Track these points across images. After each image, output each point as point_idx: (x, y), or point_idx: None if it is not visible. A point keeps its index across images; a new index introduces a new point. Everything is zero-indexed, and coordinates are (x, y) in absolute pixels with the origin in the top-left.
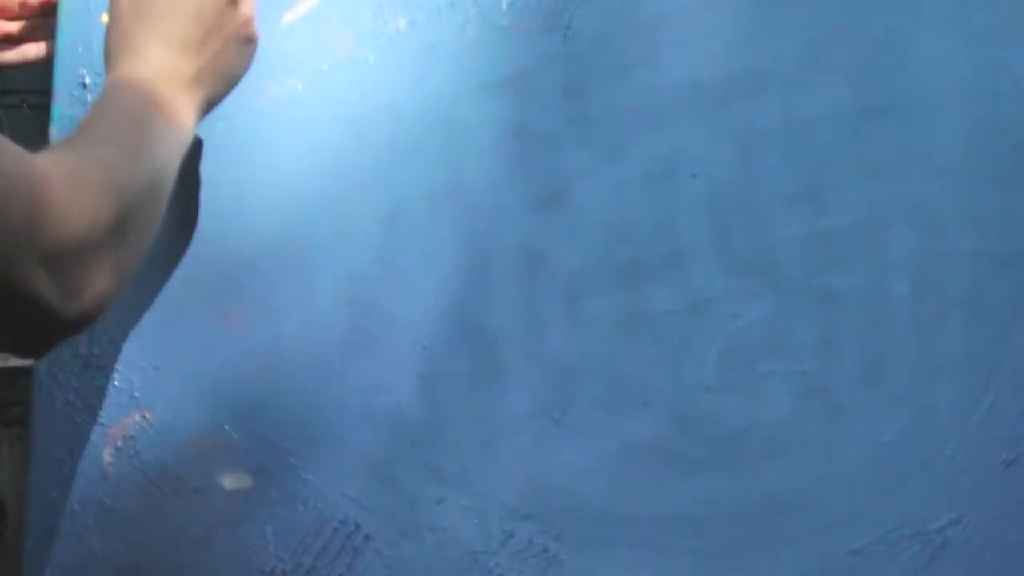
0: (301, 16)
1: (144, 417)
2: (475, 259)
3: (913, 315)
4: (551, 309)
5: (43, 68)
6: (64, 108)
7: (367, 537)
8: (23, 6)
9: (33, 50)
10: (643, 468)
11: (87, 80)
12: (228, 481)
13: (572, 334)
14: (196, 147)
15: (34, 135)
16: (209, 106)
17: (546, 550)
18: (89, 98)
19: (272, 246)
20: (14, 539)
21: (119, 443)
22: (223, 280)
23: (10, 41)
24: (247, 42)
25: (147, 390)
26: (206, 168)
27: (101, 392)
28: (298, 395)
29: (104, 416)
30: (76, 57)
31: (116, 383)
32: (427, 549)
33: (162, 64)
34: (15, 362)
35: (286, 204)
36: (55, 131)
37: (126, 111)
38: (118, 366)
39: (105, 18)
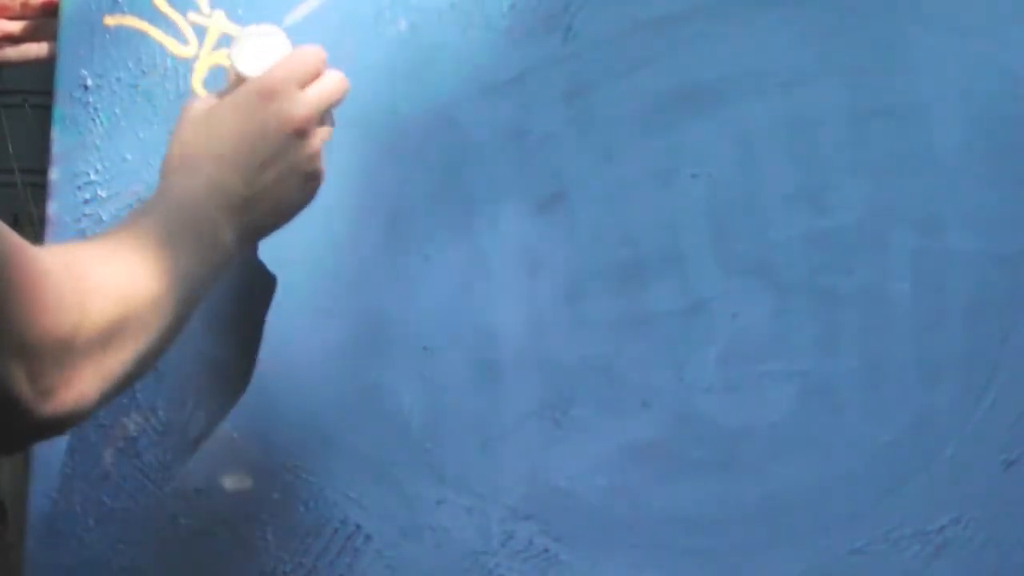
0: (302, 18)
1: (144, 417)
2: (475, 260)
3: (913, 315)
4: (551, 309)
5: (46, 68)
6: (65, 109)
7: (368, 537)
8: (25, 6)
9: (34, 49)
10: (643, 468)
11: (89, 82)
12: (228, 481)
13: (572, 334)
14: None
15: (36, 135)
16: (257, 234)
17: (546, 550)
18: (90, 99)
19: (272, 246)
20: (14, 539)
21: (120, 443)
22: (223, 280)
23: (11, 40)
24: (310, 178)
25: (147, 390)
26: None
27: None
28: (298, 395)
29: (104, 416)
30: (78, 59)
31: None
32: (427, 549)
33: (214, 183)
34: None
35: None
36: (57, 132)
37: (162, 221)
38: None
39: (108, 19)
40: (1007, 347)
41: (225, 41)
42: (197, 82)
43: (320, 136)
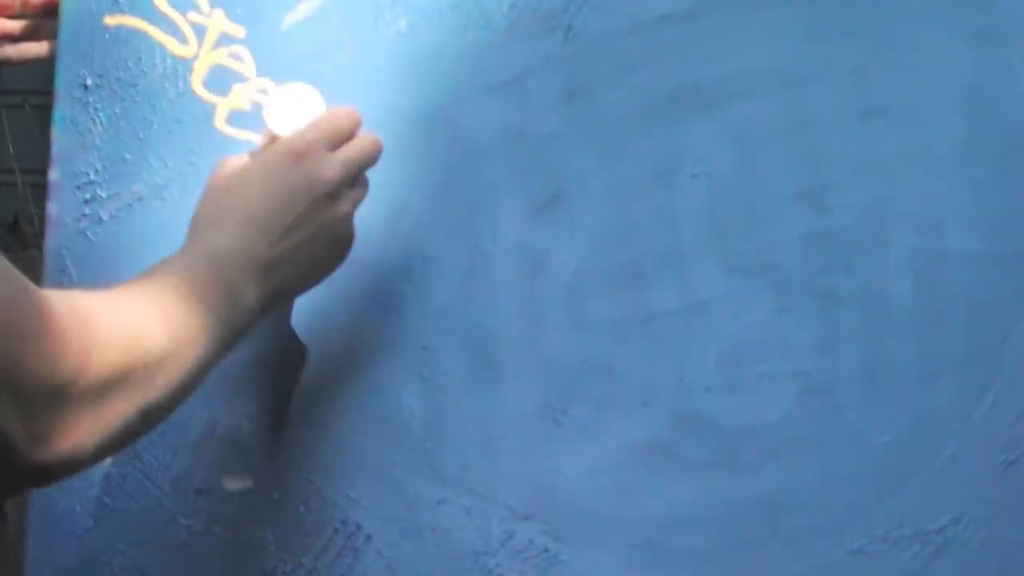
0: (302, 18)
1: None
2: (475, 259)
3: (913, 315)
4: (551, 309)
5: (45, 68)
6: (66, 109)
7: (368, 537)
8: (25, 4)
9: (34, 49)
10: (643, 468)
11: (89, 82)
12: (228, 481)
13: (572, 334)
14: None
15: (36, 135)
16: (282, 297)
17: (546, 550)
18: (90, 99)
19: None
20: (14, 539)
21: None
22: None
23: (11, 39)
24: (338, 241)
25: None
26: (209, 169)
27: None
28: (298, 395)
29: None
30: (78, 59)
31: None
32: (427, 549)
33: (238, 243)
34: None
35: None
36: (57, 132)
37: (181, 277)
38: None
39: (108, 19)
40: (1007, 347)
41: (224, 40)
42: (197, 82)
43: (351, 198)
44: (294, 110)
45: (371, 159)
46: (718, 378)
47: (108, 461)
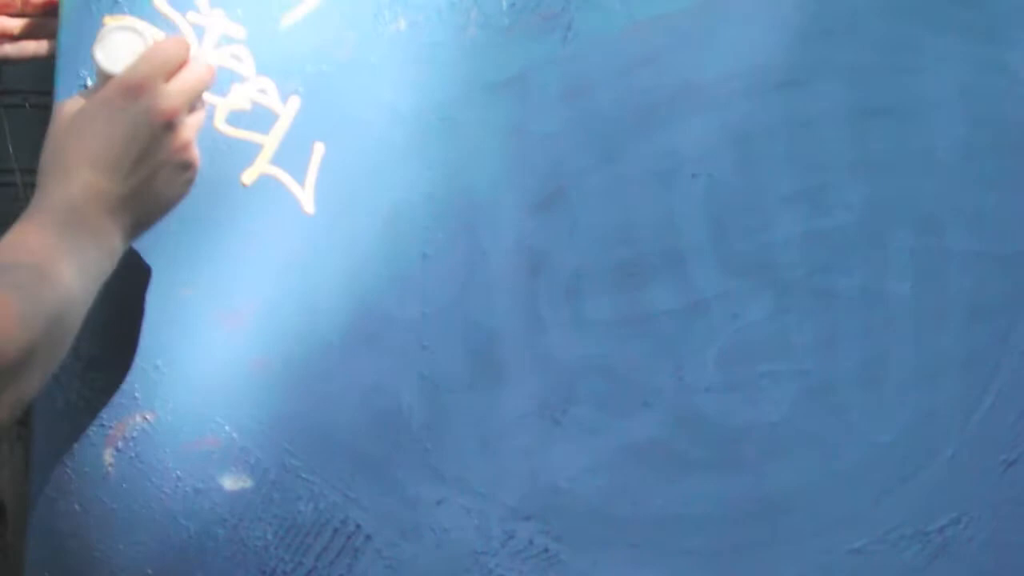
0: (301, 18)
1: (144, 418)
2: (475, 259)
3: (913, 315)
4: (551, 309)
5: (46, 68)
6: None
7: (367, 537)
8: (25, 4)
9: (32, 47)
10: (643, 468)
11: (89, 81)
12: (228, 481)
13: (572, 334)
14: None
15: (36, 135)
16: (139, 229)
17: (546, 550)
18: None
19: (272, 246)
20: (14, 539)
21: (119, 444)
22: (223, 280)
23: (11, 38)
24: (183, 168)
25: (147, 390)
26: (210, 170)
27: (101, 392)
28: (298, 395)
29: (104, 416)
30: (77, 58)
31: (116, 383)
32: (427, 549)
33: (90, 186)
34: None
35: (286, 204)
36: None
37: (49, 236)
38: (118, 366)
39: (107, 20)
40: (1007, 347)
41: (224, 40)
42: None
43: (191, 125)
44: (124, 47)
45: (206, 84)
46: (718, 378)
47: (108, 461)
